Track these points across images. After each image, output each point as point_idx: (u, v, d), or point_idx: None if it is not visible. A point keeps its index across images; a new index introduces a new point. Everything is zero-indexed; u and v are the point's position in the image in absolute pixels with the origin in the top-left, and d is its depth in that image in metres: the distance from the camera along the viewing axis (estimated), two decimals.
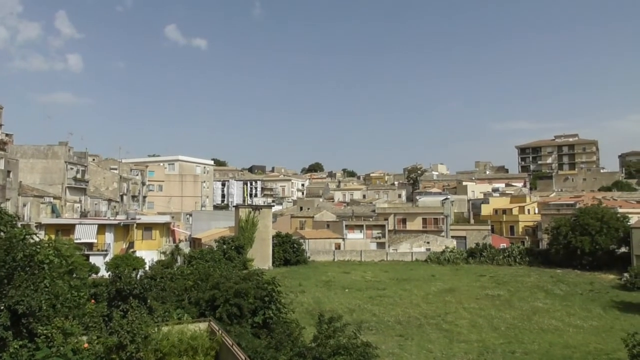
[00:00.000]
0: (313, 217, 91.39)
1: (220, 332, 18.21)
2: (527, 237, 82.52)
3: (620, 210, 70.41)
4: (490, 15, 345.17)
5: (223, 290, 24.69)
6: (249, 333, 22.81)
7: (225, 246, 58.78)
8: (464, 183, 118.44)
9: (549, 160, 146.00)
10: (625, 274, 54.94)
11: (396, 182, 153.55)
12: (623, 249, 63.55)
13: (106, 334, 17.00)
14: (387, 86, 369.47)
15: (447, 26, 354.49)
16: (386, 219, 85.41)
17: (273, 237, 67.07)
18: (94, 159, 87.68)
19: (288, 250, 67.35)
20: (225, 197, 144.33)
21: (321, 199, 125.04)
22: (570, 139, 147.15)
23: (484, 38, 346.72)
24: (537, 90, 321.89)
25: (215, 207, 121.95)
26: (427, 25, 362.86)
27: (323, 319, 24.29)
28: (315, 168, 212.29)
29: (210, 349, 17.31)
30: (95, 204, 74.84)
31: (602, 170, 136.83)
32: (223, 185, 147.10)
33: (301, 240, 72.58)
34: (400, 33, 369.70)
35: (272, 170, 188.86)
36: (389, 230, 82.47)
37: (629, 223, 64.11)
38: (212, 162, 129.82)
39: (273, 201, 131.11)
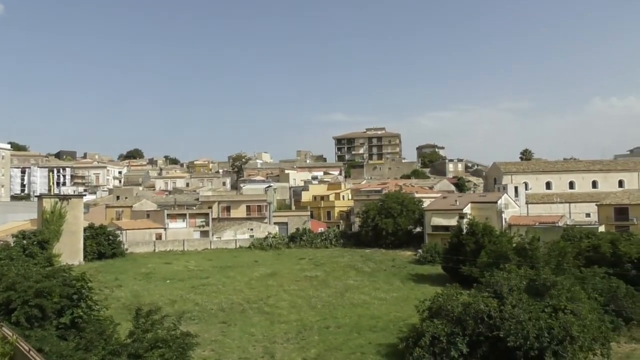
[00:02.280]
0: (131, 206, 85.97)
1: (14, 337, 16.14)
2: (342, 221, 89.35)
3: (416, 195, 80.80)
4: (313, 16, 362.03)
5: (20, 290, 21.94)
6: (54, 336, 20.75)
7: (25, 241, 52.00)
8: (286, 171, 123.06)
9: (361, 151, 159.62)
10: (419, 250, 63.54)
11: (221, 170, 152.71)
12: (418, 229, 73.15)
13: None
14: (212, 74, 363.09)
15: (274, 24, 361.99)
16: (210, 207, 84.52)
17: (85, 230, 61.92)
18: None
19: (102, 243, 62.58)
20: (27, 186, 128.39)
21: (141, 188, 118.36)
22: (379, 132, 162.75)
23: (305, 37, 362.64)
24: (353, 86, 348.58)
25: (14, 198, 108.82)
26: (254, 20, 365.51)
27: (141, 312, 23.35)
28: (134, 154, 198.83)
29: (1, 356, 15.23)
30: None
31: (403, 161, 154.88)
32: (23, 172, 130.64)
33: (118, 232, 67.97)
34: (229, 25, 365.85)
35: (84, 157, 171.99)
36: (213, 219, 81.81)
37: (423, 206, 73.94)
38: (8, 146, 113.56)
39: (85, 190, 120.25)
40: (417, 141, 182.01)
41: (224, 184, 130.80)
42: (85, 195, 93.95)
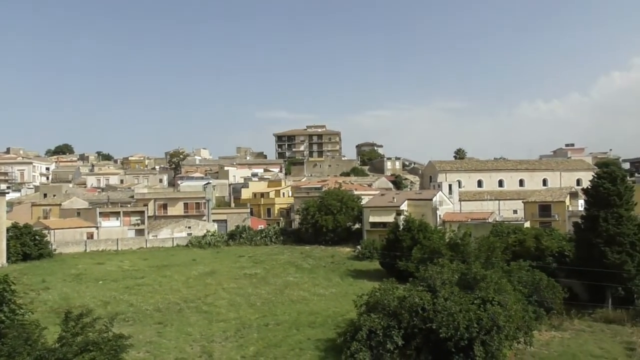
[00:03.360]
0: (60, 204, 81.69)
1: None
2: (282, 218, 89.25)
3: (355, 192, 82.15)
4: (256, 14, 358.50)
5: None
6: None
7: None
8: (226, 168, 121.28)
9: (302, 148, 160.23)
10: (358, 247, 64.70)
11: (157, 167, 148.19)
12: (357, 225, 74.41)
13: None
14: (147, 67, 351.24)
15: (216, 21, 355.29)
16: (146, 205, 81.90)
17: (8, 229, 58.49)
18: None
19: (28, 244, 59.18)
20: None
21: (71, 185, 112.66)
22: (319, 130, 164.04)
23: (247, 36, 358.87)
24: (294, 84, 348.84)
25: None
26: (196, 14, 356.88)
27: (70, 315, 22.41)
28: (63, 150, 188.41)
29: None
30: None
31: (343, 158, 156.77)
32: None
33: (45, 231, 64.53)
34: (170, 20, 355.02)
35: (7, 152, 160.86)
36: (149, 217, 79.43)
37: (361, 203, 75.29)
38: None
39: (8, 187, 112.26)
40: (357, 139, 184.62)
41: (160, 180, 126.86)
42: (8, 192, 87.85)
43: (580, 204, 63.17)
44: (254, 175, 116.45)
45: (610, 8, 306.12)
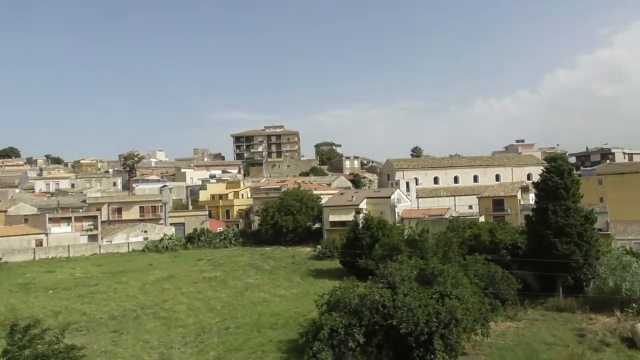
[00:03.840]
0: (6, 211, 77.92)
1: None
2: (241, 219, 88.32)
3: (315, 192, 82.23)
4: (215, 14, 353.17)
5: None
6: None
7: None
8: (183, 170, 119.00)
9: (260, 149, 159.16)
10: (318, 246, 64.74)
11: (111, 170, 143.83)
12: (317, 225, 74.50)
13: None
14: (102, 68, 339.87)
15: (174, 20, 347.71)
16: (99, 209, 79.21)
17: None
18: None
19: None
20: None
21: (17, 190, 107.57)
22: (278, 130, 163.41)
23: (205, 34, 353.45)
24: (252, 85, 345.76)
25: None
26: (152, 14, 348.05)
27: (17, 328, 21.27)
28: (9, 153, 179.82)
29: None
30: None
31: (302, 158, 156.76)
32: None
33: None
34: (125, 18, 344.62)
35: None
36: (103, 221, 76.91)
37: (321, 203, 75.42)
38: None
39: None
40: (316, 139, 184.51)
41: (114, 184, 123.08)
42: None
43: (531, 198, 65.46)
44: (212, 176, 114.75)
45: (554, 6, 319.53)
